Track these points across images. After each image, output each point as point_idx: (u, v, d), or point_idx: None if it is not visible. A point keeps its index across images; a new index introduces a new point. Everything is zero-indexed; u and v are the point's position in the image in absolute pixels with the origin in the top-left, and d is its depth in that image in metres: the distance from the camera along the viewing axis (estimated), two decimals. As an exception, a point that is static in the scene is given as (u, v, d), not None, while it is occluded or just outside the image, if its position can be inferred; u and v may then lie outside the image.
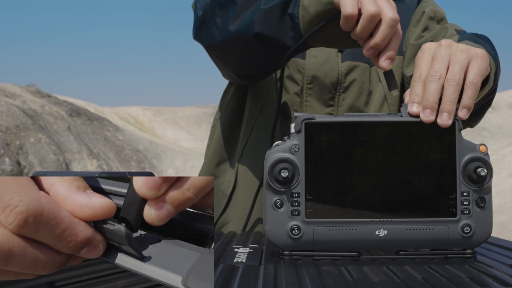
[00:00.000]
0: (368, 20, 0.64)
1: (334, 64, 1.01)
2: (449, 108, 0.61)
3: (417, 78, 0.63)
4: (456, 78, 0.62)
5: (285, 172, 0.60)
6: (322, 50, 1.01)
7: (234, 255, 0.64)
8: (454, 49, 0.65)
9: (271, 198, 0.61)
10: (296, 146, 0.61)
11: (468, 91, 0.63)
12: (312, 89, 1.01)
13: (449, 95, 0.61)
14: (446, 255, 0.62)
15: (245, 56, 0.88)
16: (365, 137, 0.61)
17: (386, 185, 0.60)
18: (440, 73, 0.62)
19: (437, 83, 0.62)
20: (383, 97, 1.03)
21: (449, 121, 0.61)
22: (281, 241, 0.62)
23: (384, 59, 0.66)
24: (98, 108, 14.00)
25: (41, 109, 9.55)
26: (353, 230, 0.61)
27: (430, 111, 0.61)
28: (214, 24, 0.87)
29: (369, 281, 0.50)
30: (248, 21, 0.81)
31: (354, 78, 1.02)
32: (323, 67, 1.01)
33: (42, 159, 7.93)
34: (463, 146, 0.61)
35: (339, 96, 1.02)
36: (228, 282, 0.50)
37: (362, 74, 1.03)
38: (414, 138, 0.61)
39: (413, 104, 0.62)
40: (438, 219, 0.61)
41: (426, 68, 0.64)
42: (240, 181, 1.04)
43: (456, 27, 0.98)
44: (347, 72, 1.02)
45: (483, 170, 0.60)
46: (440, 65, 0.63)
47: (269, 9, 0.77)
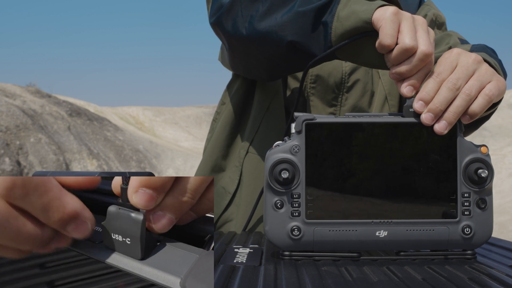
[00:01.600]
0: (402, 52, 0.63)
1: (338, 63, 1.01)
2: (451, 118, 0.61)
3: (436, 76, 0.63)
4: (471, 93, 0.61)
5: (285, 173, 0.60)
6: None
7: (234, 256, 0.64)
8: (482, 68, 0.64)
9: (272, 199, 0.61)
10: (296, 147, 0.61)
11: (479, 100, 0.62)
12: (316, 89, 1.01)
13: (457, 107, 0.61)
14: (446, 256, 0.62)
15: (268, 57, 0.84)
16: (366, 137, 0.61)
17: (387, 186, 0.60)
18: (460, 83, 0.62)
19: (452, 92, 0.61)
20: (384, 98, 1.03)
21: (446, 130, 0.60)
22: (281, 241, 0.62)
23: (406, 85, 0.64)
24: (98, 108, 14.00)
25: (41, 109, 9.55)
26: (353, 231, 0.61)
27: (433, 116, 0.61)
28: (241, 16, 0.82)
29: (369, 281, 0.50)
30: (279, 21, 0.77)
31: (357, 78, 1.02)
32: (327, 66, 1.00)
33: (42, 159, 7.93)
34: (464, 147, 0.61)
35: (342, 96, 1.02)
36: (228, 282, 0.50)
37: (365, 74, 1.03)
38: (415, 139, 0.61)
39: (420, 102, 0.61)
40: (438, 220, 0.61)
41: (448, 70, 0.63)
42: (245, 180, 1.02)
43: (459, 35, 0.98)
44: (350, 72, 1.01)
45: (484, 171, 0.60)
46: (463, 75, 0.62)
47: (304, 12, 0.74)
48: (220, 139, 1.07)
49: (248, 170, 1.02)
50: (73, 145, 8.97)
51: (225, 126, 1.06)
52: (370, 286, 0.49)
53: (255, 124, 1.03)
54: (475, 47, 0.83)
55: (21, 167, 7.53)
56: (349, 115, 0.62)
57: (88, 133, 9.93)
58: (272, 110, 1.02)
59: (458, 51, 0.65)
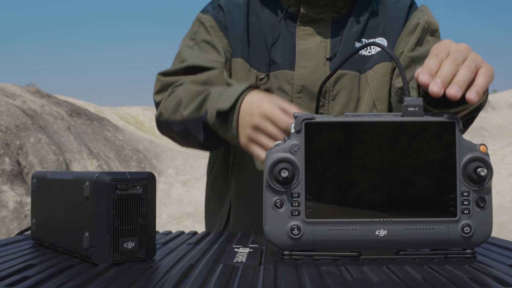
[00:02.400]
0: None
1: (321, 73, 1.03)
2: (461, 83, 0.62)
3: (434, 56, 0.64)
4: (471, 67, 0.64)
5: (285, 172, 0.60)
6: (310, 60, 1.04)
7: (234, 255, 0.64)
8: (473, 54, 0.67)
9: (271, 198, 0.61)
10: (296, 146, 0.61)
11: (480, 77, 0.64)
12: (301, 98, 1.04)
13: (463, 76, 0.63)
14: (446, 255, 0.62)
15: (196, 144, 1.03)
16: (365, 137, 0.61)
17: (386, 185, 0.60)
18: (458, 59, 0.64)
19: (454, 67, 0.63)
20: (372, 103, 1.04)
21: (459, 94, 0.61)
22: (281, 241, 0.62)
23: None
24: (98, 108, 14.00)
25: (41, 109, 9.55)
26: (353, 230, 0.61)
27: (441, 84, 0.61)
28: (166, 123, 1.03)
29: (369, 281, 0.50)
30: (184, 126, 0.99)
31: (342, 86, 1.04)
32: (311, 76, 1.03)
33: (42, 159, 7.93)
34: (463, 146, 0.61)
35: (328, 104, 1.04)
36: (228, 282, 0.50)
37: (351, 81, 1.05)
38: (414, 138, 0.61)
39: (425, 74, 0.62)
40: (438, 219, 0.61)
41: (444, 52, 0.65)
42: (233, 201, 1.08)
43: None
44: (335, 80, 1.04)
45: (483, 170, 0.60)
46: (458, 56, 0.65)
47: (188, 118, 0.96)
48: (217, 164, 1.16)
49: (236, 190, 1.07)
50: (73, 145, 8.97)
51: (218, 151, 1.15)
52: (370, 285, 0.49)
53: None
54: None
55: (21, 167, 7.53)
56: (348, 114, 0.62)
57: (88, 133, 9.92)
58: None
59: (449, 41, 0.68)
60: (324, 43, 1.05)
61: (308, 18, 1.06)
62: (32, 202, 0.76)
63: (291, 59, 1.05)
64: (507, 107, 15.25)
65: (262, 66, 1.06)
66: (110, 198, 0.59)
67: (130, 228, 0.60)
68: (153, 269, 0.57)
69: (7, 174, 7.13)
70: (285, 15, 1.08)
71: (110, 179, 0.59)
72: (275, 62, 1.06)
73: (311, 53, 1.05)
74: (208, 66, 1.04)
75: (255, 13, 1.10)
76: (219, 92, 0.93)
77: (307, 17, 1.06)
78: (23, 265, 0.59)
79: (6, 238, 0.79)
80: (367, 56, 1.06)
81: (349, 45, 1.05)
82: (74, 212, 0.63)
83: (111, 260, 0.59)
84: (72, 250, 0.64)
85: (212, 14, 1.12)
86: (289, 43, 1.06)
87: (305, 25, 1.06)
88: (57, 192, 0.68)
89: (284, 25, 1.07)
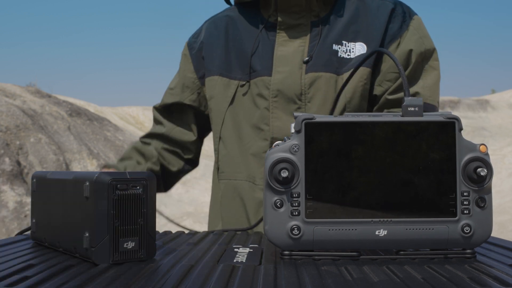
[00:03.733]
0: None
1: (297, 77, 1.06)
2: None
3: None
4: None
5: (285, 172, 0.60)
6: (286, 65, 1.07)
7: (234, 255, 0.64)
8: None
9: (271, 198, 0.61)
10: (296, 146, 0.61)
11: None
12: (278, 102, 1.07)
13: None
14: (446, 255, 0.62)
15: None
16: (365, 137, 0.61)
17: (386, 185, 0.60)
18: None
19: None
20: (343, 106, 1.05)
21: None
22: (281, 241, 0.62)
23: None
24: (98, 108, 13.99)
25: (41, 109, 9.55)
26: (353, 230, 0.61)
27: None
28: None
29: (369, 281, 0.50)
30: None
31: (318, 89, 1.06)
32: (286, 80, 1.07)
33: (42, 159, 7.92)
34: (463, 146, 0.61)
35: (305, 106, 1.06)
36: (228, 282, 0.50)
37: (326, 83, 1.06)
38: (414, 138, 0.61)
39: None
40: (438, 219, 0.61)
41: None
42: (221, 203, 1.17)
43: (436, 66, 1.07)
44: (310, 83, 1.06)
45: (483, 170, 0.60)
46: None
47: None
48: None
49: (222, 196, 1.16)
50: (73, 145, 8.97)
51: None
52: (370, 285, 0.49)
53: (215, 152, 1.18)
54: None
55: (21, 167, 7.53)
56: (348, 114, 0.62)
57: (88, 133, 9.92)
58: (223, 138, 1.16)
59: None
60: (302, 47, 1.09)
61: (286, 25, 1.10)
62: (32, 202, 0.76)
63: (269, 66, 1.10)
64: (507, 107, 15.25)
65: (244, 75, 1.12)
66: (110, 198, 0.59)
67: (130, 228, 0.60)
68: (153, 269, 0.57)
69: (7, 174, 7.13)
70: (266, 25, 1.13)
71: (110, 179, 0.59)
72: (255, 70, 1.11)
73: (288, 58, 1.08)
74: (172, 101, 1.24)
75: (236, 27, 1.17)
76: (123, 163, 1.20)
77: (285, 24, 1.10)
78: (23, 265, 0.59)
79: (6, 238, 0.79)
80: (346, 58, 1.07)
81: (326, 47, 1.08)
82: (74, 212, 0.63)
83: (111, 260, 0.59)
84: (72, 250, 0.64)
85: (188, 42, 1.27)
86: (269, 50, 1.11)
87: (284, 31, 1.10)
88: (57, 192, 0.68)
89: (265, 34, 1.13)
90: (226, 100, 1.13)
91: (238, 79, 1.13)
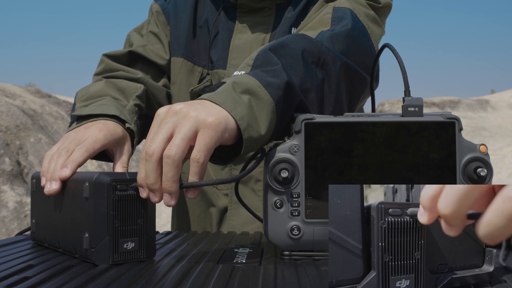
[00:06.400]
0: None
1: None
2: (168, 188, 0.56)
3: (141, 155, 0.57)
4: (171, 154, 0.55)
5: (285, 172, 0.60)
6: (243, 57, 0.94)
7: (234, 256, 0.64)
8: (182, 117, 0.57)
9: (271, 198, 0.61)
10: (295, 146, 0.61)
11: (191, 168, 0.56)
12: None
13: (165, 174, 0.55)
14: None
15: None
16: (365, 137, 0.61)
17: (386, 185, 0.60)
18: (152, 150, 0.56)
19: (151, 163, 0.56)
20: None
21: (172, 201, 0.56)
22: (281, 241, 0.62)
23: None
24: (98, 108, 13.99)
25: (41, 109, 9.55)
26: (353, 230, 0.61)
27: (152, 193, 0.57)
28: None
29: (369, 281, 0.50)
30: None
31: None
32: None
33: (42, 159, 7.92)
34: (463, 146, 0.61)
35: None
36: (228, 282, 0.50)
37: None
38: (414, 138, 0.61)
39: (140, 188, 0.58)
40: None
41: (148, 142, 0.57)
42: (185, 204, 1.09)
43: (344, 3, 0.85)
44: None
45: (483, 170, 0.60)
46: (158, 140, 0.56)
47: None
48: None
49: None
50: (73, 145, 8.96)
51: None
52: (370, 285, 0.49)
53: None
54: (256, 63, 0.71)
55: (21, 167, 7.53)
56: (348, 115, 0.62)
57: (88, 133, 9.91)
58: None
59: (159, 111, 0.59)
60: (263, 35, 0.95)
61: (248, 8, 0.96)
62: (32, 202, 0.76)
63: (224, 57, 0.96)
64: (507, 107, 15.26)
65: (206, 63, 0.99)
66: (109, 199, 0.59)
67: (130, 229, 0.60)
68: (153, 270, 0.57)
69: (7, 174, 7.13)
70: (226, 7, 0.98)
71: (110, 179, 0.59)
72: (212, 61, 0.98)
73: (245, 48, 0.95)
74: (150, 59, 0.99)
75: (204, 3, 1.02)
76: (97, 103, 0.84)
77: (246, 7, 0.96)
78: (23, 265, 0.59)
79: (6, 239, 0.79)
80: None
81: (284, 33, 0.93)
82: (74, 213, 0.63)
83: (111, 261, 0.59)
84: (72, 250, 0.64)
85: (161, 4, 1.06)
86: (226, 38, 0.97)
87: (245, 16, 0.97)
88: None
89: (225, 18, 0.98)
90: (188, 90, 1.00)
91: (202, 66, 0.99)
